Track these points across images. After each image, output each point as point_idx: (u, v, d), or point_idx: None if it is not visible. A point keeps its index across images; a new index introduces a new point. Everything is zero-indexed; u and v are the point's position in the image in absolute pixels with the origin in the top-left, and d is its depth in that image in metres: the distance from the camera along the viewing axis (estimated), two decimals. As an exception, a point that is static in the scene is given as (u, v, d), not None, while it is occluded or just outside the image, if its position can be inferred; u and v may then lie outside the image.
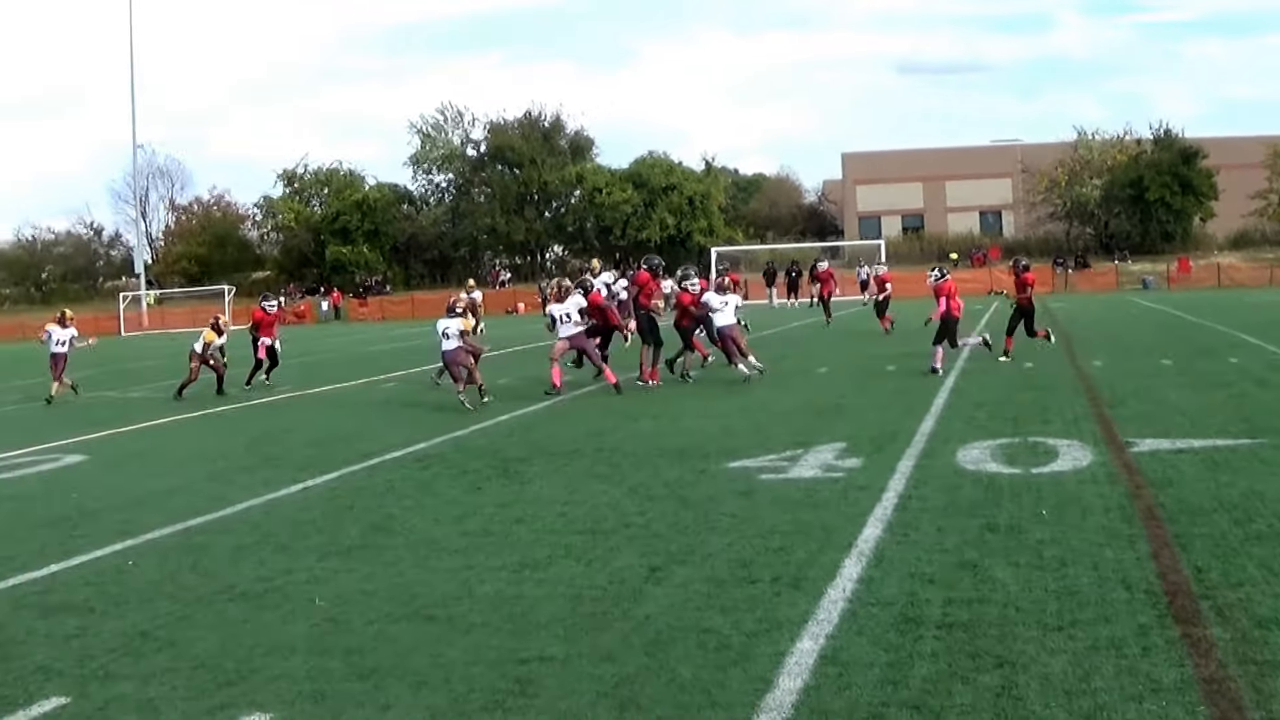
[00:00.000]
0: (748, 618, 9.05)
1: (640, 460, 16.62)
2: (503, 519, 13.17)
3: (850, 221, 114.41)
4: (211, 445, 20.87)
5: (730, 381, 26.31)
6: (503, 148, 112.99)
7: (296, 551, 12.15)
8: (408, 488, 15.51)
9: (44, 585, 11.33)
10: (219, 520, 14.03)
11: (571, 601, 9.75)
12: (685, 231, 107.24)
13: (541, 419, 21.99)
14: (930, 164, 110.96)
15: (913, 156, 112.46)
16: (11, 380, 42.59)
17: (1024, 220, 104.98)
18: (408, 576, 10.87)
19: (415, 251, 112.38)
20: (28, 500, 16.32)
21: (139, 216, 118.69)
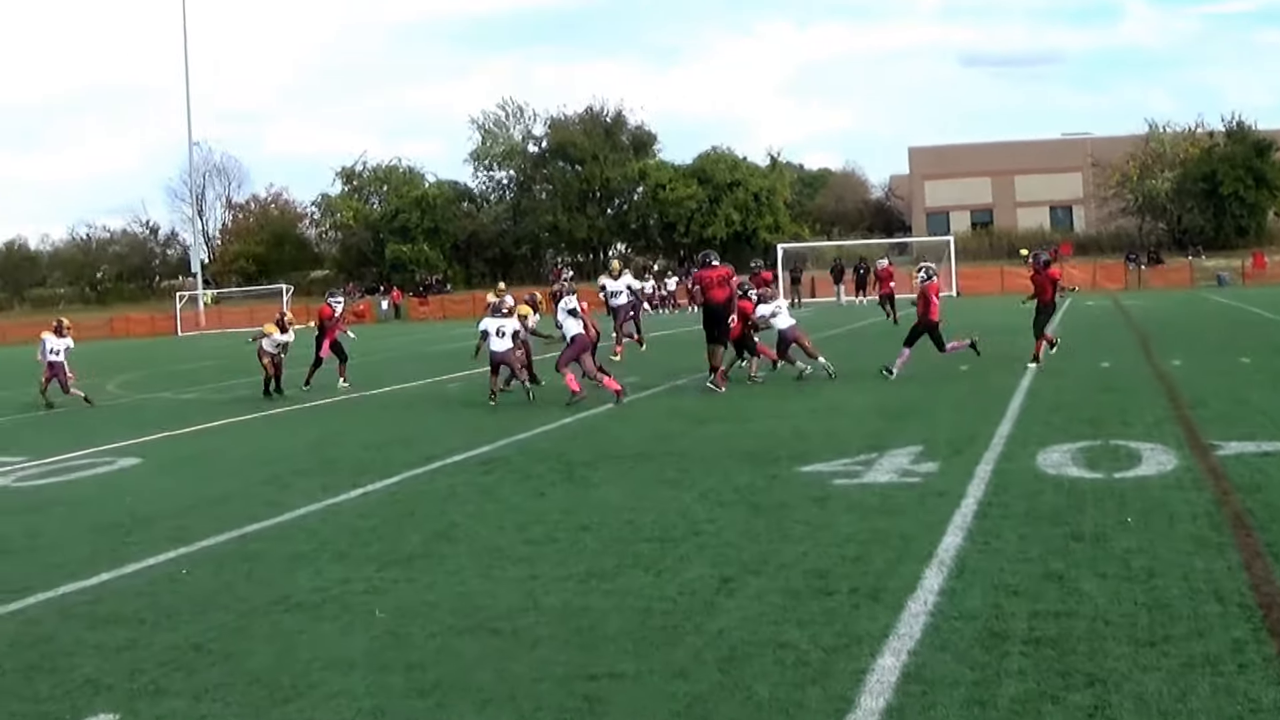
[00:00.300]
0: (826, 632, 8.76)
1: (709, 464, 16.34)
2: (568, 526, 12.92)
3: (918, 217, 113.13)
4: (269, 448, 20.77)
5: (799, 383, 25.98)
6: (564, 144, 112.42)
7: (355, 560, 11.94)
8: (470, 493, 15.29)
9: (94, 594, 11.17)
10: (275, 527, 13.86)
11: (641, 614, 9.48)
12: (751, 228, 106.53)
13: (606, 421, 21.77)
14: (999, 158, 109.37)
15: (981, 150, 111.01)
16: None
17: (1095, 215, 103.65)
18: (471, 586, 10.63)
19: (476, 250, 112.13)
20: (80, 505, 16.21)
21: (195, 215, 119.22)
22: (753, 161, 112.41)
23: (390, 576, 11.16)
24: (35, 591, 11.31)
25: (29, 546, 13.59)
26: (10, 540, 14.00)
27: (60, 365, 31.22)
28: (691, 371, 27.58)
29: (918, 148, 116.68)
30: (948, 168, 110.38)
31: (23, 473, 19.56)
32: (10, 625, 10.23)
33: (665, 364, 32.22)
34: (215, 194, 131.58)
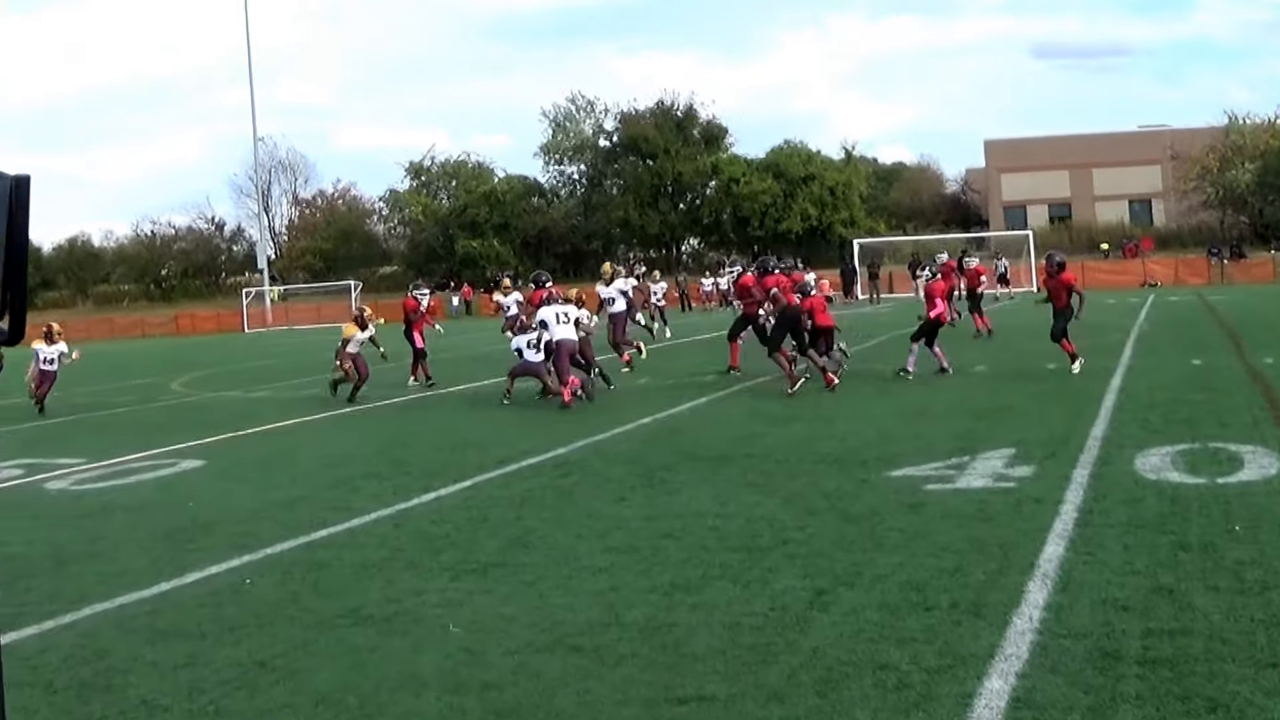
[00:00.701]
0: (927, 651, 8.36)
1: (794, 468, 15.95)
2: (650, 534, 12.54)
3: (995, 211, 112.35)
4: (337, 450, 20.48)
5: (882, 381, 25.61)
6: (635, 138, 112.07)
7: (428, 569, 11.58)
8: (547, 497, 14.96)
9: (153, 605, 10.86)
10: (344, 533, 13.53)
11: (730, 630, 9.09)
12: (826, 223, 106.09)
13: (686, 422, 21.41)
14: (1076, 151, 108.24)
15: (1058, 143, 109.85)
16: (130, 379, 42.44)
17: (1174, 209, 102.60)
18: (549, 599, 10.26)
19: (546, 245, 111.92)
20: (140, 510, 15.93)
21: (261, 210, 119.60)
22: (827, 155, 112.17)
23: (465, 587, 10.81)
24: (92, 602, 11.03)
25: (87, 554, 13.29)
26: (67, 547, 13.72)
27: (53, 375, 30.75)
28: (763, 372, 27.16)
29: (994, 140, 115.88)
30: (1024, 161, 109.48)
31: (82, 475, 19.32)
32: (65, 639, 9.93)
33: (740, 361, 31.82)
34: (281, 190, 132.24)
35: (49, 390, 30.51)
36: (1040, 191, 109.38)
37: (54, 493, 17.92)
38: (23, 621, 10.38)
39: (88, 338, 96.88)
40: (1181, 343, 28.42)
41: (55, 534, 14.51)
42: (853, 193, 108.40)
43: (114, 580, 11.83)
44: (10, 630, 10.09)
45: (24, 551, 13.48)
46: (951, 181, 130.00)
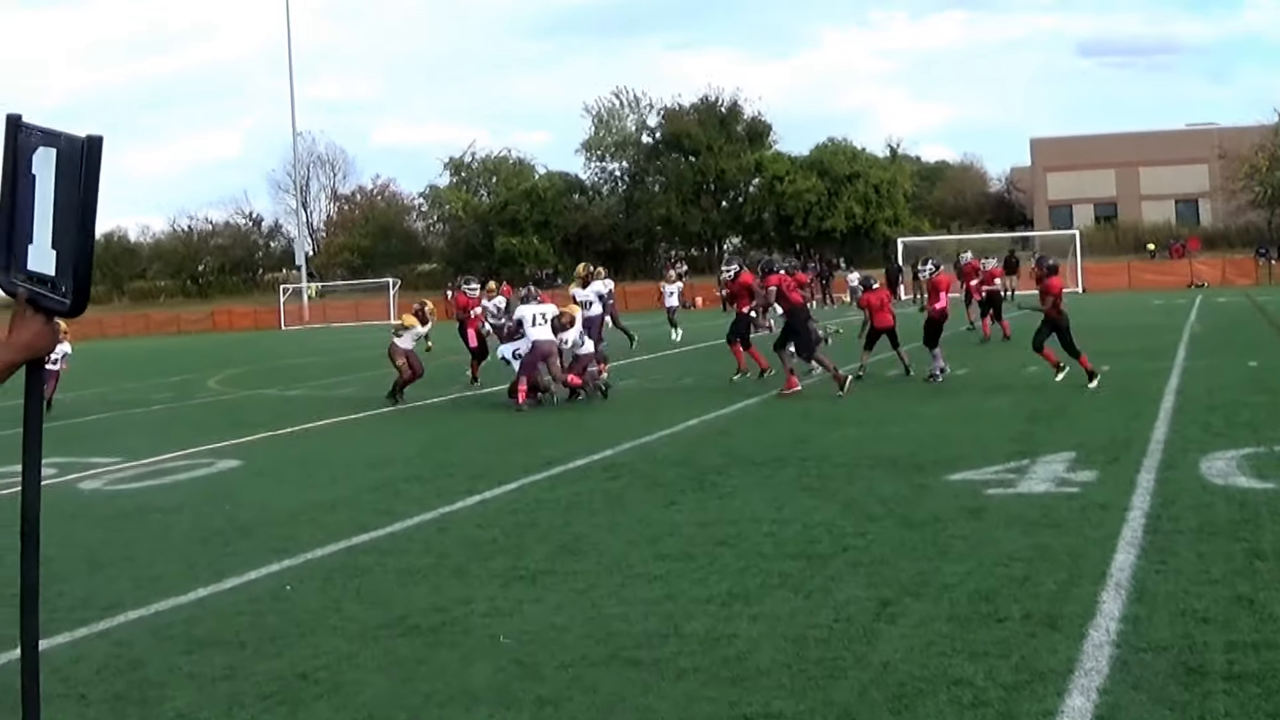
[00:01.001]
0: (1002, 665, 8.01)
1: (851, 471, 15.61)
2: (704, 540, 12.18)
3: (1040, 210, 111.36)
4: (378, 450, 20.17)
5: (931, 385, 25.20)
6: (678, 134, 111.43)
7: (475, 576, 11.24)
8: (596, 501, 14.60)
9: (190, 613, 10.54)
10: (387, 538, 13.21)
11: (794, 643, 8.73)
12: (870, 221, 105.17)
13: (735, 423, 21.09)
14: (1123, 149, 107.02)
15: (1105, 142, 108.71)
16: (166, 375, 42.30)
17: (1222, 208, 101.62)
18: (603, 609, 9.91)
19: (587, 243, 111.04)
20: (177, 511, 15.63)
21: (299, 206, 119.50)
22: (872, 153, 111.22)
23: (514, 596, 10.47)
24: (127, 609, 10.73)
25: (122, 557, 13.02)
26: (102, 550, 13.44)
27: (55, 375, 29.26)
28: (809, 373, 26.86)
29: (1040, 138, 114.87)
30: (1070, 159, 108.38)
31: (117, 475, 19.07)
32: (99, 648, 9.63)
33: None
34: (320, 185, 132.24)
35: (54, 391, 29.14)
36: (1086, 191, 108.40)
37: (88, 493, 17.65)
38: (55, 628, 10.07)
39: (123, 334, 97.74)
40: (1235, 344, 28.02)
41: (89, 536, 14.23)
42: (897, 191, 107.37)
43: (150, 585, 11.53)
44: (42, 638, 9.78)
45: (57, 554, 13.12)
46: (995, 180, 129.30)
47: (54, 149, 4.09)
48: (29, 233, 4.24)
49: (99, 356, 62.80)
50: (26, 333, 4.33)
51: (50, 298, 4.23)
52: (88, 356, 63.13)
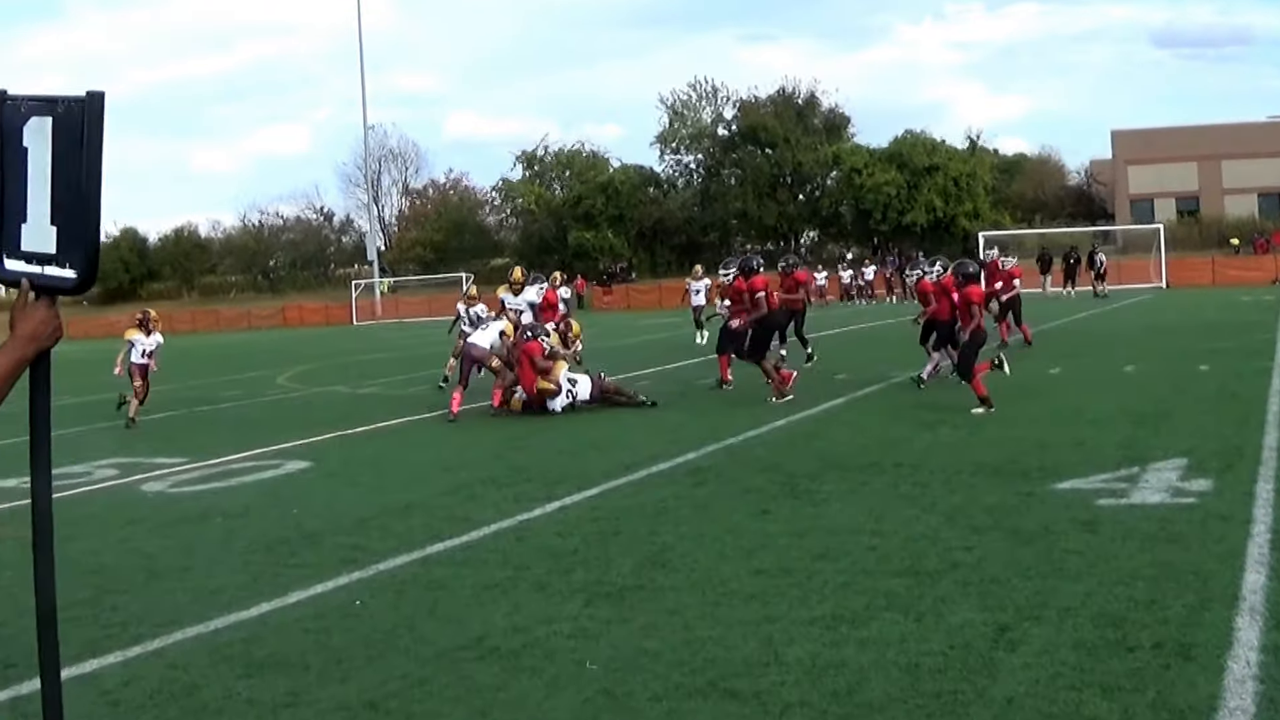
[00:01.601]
0: (1138, 702, 7.29)
1: (950, 478, 14.83)
2: (801, 553, 11.45)
3: (1121, 204, 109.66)
4: (452, 452, 19.55)
5: (1027, 382, 24.39)
6: (755, 127, 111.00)
7: (557, 592, 10.55)
8: (682, 509, 13.88)
9: (251, 630, 9.87)
10: (463, 548, 12.53)
11: (908, 673, 8.02)
12: (950, 215, 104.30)
13: (823, 425, 20.34)
14: (1204, 141, 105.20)
15: (1186, 134, 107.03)
16: (235, 372, 41.79)
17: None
18: (697, 631, 9.19)
19: (662, 236, 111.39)
20: (241, 516, 15.00)
21: (371, 201, 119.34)
22: (952, 145, 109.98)
23: (601, 615, 9.78)
24: (184, 625, 10.09)
25: (181, 567, 12.38)
26: (161, 558, 12.84)
27: (146, 368, 27.18)
28: (904, 366, 26.10)
29: (1121, 130, 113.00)
30: (1152, 152, 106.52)
31: (181, 477, 18.50)
32: (152, 669, 8.98)
33: (873, 360, 30.75)
34: (391, 179, 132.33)
35: (147, 388, 27.28)
36: (1167, 184, 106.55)
37: (150, 496, 17.09)
38: (107, 646, 9.48)
39: (193, 329, 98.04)
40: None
41: (149, 543, 13.67)
42: (978, 184, 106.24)
43: (209, 599, 10.90)
44: (92, 657, 9.20)
45: (114, 563, 12.59)
46: (1074, 173, 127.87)
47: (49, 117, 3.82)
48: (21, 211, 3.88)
49: (166, 352, 62.47)
50: (30, 323, 3.99)
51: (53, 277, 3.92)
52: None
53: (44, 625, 4.38)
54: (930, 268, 26.03)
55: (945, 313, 24.31)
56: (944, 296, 24.34)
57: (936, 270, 25.25)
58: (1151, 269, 78.12)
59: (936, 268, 25.33)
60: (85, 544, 13.63)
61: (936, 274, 25.31)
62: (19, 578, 12.01)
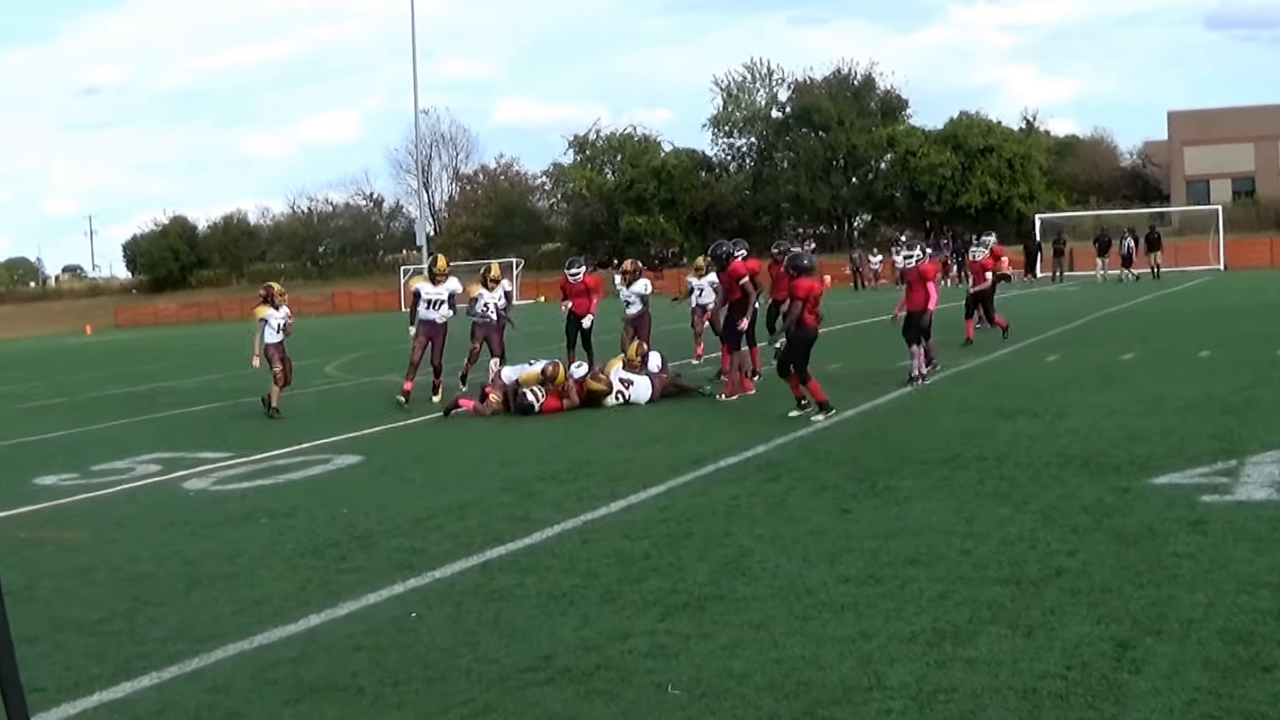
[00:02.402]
0: (1286, 734, 6.40)
1: (1038, 473, 13.97)
2: (890, 558, 10.63)
3: (1177, 185, 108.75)
4: (507, 445, 18.76)
5: (1102, 367, 23.59)
6: (809, 109, 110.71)
7: (629, 603, 9.75)
8: (756, 508, 13.05)
9: (300, 648, 9.11)
10: (525, 551, 11.74)
11: (1026, 699, 7.21)
12: (1004, 197, 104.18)
13: (894, 416, 19.45)
14: (1261, 122, 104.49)
15: (1242, 114, 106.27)
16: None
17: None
18: (786, 649, 8.38)
19: (714, 221, 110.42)
20: (289, 516, 14.24)
21: (420, 187, 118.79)
22: (1007, 126, 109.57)
23: (679, 629, 8.98)
24: (226, 641, 9.34)
25: (225, 573, 11.62)
26: (203, 563, 12.10)
27: (280, 345, 25.28)
28: (971, 353, 25.28)
29: (1176, 111, 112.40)
30: (1207, 133, 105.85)
31: (226, 474, 17.77)
32: (190, 693, 8.23)
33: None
34: (442, 165, 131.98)
35: (289, 371, 25.71)
36: (1223, 165, 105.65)
37: (192, 494, 16.36)
38: (142, 666, 8.76)
39: (241, 317, 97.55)
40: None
41: (190, 547, 12.92)
42: (1032, 166, 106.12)
43: (254, 610, 10.17)
44: (126, 679, 8.48)
45: (153, 570, 11.87)
46: (1126, 154, 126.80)
47: None
48: None
49: (214, 340, 62.07)
50: None
51: None
52: (203, 340, 62.59)
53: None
54: (899, 251, 24.73)
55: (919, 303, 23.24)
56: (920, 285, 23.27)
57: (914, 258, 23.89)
58: (1210, 250, 77.32)
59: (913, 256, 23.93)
60: (125, 548, 12.98)
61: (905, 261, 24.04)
62: (56, 588, 11.33)
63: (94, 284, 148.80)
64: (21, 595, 11.03)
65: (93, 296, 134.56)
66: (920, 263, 23.05)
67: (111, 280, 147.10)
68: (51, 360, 57.64)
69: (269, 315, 24.73)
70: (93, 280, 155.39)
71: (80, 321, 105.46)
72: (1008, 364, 25.22)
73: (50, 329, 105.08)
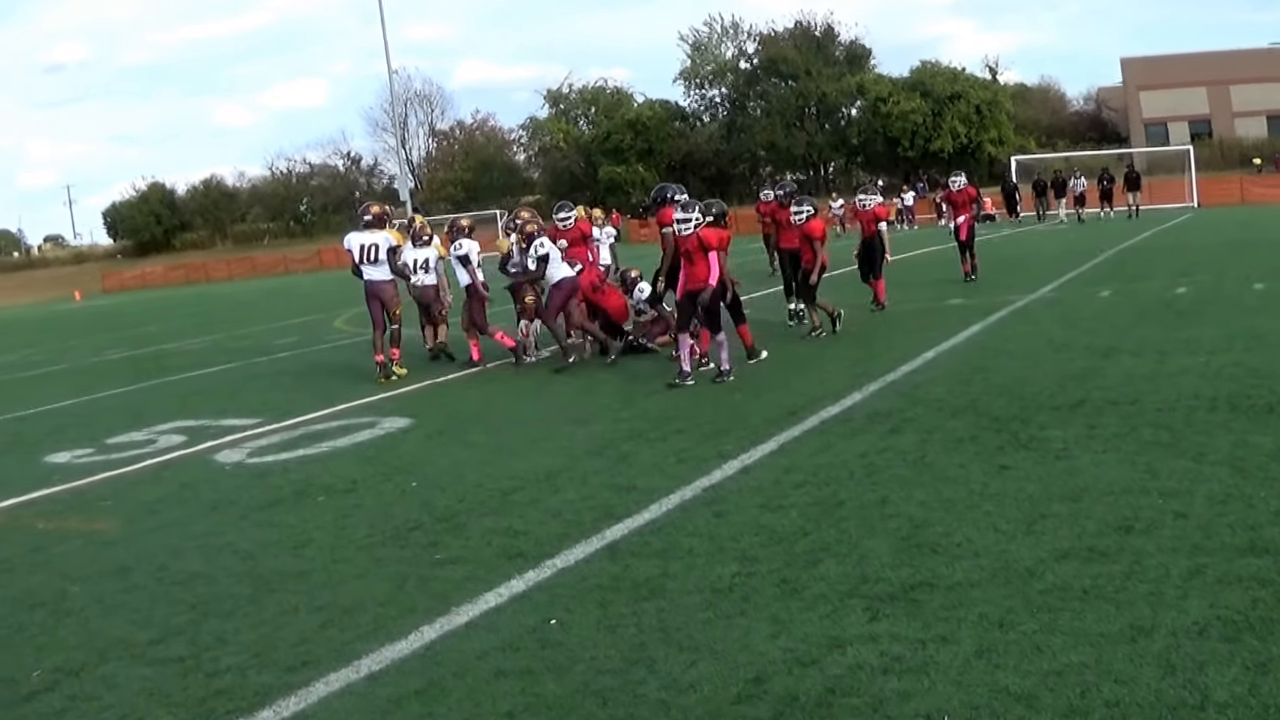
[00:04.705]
0: None
1: (1189, 416, 11.95)
2: (1096, 525, 8.61)
3: (1135, 129, 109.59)
4: (568, 401, 16.55)
5: (1166, 301, 21.65)
6: (775, 59, 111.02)
7: (818, 597, 7.60)
8: (896, 467, 10.91)
9: (423, 674, 6.91)
10: (651, 530, 9.54)
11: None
12: (976, 141, 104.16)
13: (986, 356, 17.02)
14: (1212, 67, 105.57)
15: (1194, 60, 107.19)
16: (285, 318, 38.84)
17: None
18: (1056, 655, 6.38)
19: (692, 169, 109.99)
20: (349, 494, 11.96)
21: (400, 144, 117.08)
22: (972, 73, 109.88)
23: (902, 632, 6.91)
24: (323, 667, 7.16)
25: (295, 571, 9.35)
26: (264, 558, 9.85)
27: (436, 288, 22.45)
28: (1020, 289, 23.25)
29: (1130, 58, 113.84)
30: (1161, 78, 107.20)
31: (259, 443, 15.46)
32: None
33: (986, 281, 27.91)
34: (418, 121, 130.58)
35: (441, 315, 22.96)
36: (1179, 109, 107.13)
37: (228, 469, 14.04)
38: (223, 711, 6.69)
39: (229, 277, 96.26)
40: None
41: (243, 537, 10.65)
42: (1000, 111, 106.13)
43: (345, 621, 7.96)
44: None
45: (206, 568, 9.58)
46: (1074, 100, 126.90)
47: None
48: None
49: (207, 301, 60.00)
50: None
51: None
52: (196, 301, 60.44)
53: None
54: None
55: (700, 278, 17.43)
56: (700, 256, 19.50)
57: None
58: (1185, 189, 76.80)
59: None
60: (165, 540, 10.71)
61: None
62: (93, 596, 9.13)
63: (78, 251, 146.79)
64: (53, 606, 8.87)
65: (78, 263, 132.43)
66: (700, 228, 17.29)
67: (95, 247, 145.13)
68: (45, 326, 55.22)
69: (404, 251, 21.68)
70: (75, 248, 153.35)
71: (68, 288, 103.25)
72: (1064, 300, 23.10)
73: (38, 296, 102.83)
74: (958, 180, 29.74)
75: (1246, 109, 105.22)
